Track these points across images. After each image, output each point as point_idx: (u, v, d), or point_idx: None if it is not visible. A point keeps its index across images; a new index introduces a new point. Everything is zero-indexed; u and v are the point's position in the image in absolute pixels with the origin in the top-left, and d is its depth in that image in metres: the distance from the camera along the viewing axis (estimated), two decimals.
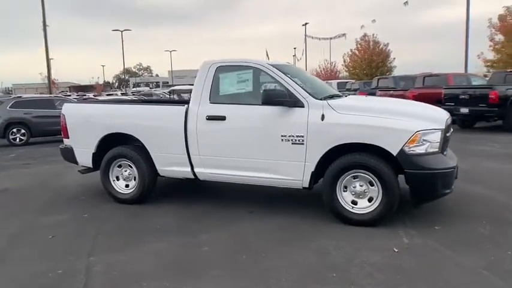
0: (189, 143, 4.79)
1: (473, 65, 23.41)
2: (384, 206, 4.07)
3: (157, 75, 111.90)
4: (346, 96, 5.04)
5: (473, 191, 5.27)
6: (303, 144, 4.27)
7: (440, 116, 4.34)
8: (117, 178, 5.33)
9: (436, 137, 4.04)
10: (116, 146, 5.32)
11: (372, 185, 4.15)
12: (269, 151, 4.45)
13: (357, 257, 3.49)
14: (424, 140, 3.98)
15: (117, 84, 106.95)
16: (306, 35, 39.58)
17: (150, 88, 69.94)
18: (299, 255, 3.57)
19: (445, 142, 4.19)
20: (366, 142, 4.06)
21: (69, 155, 5.60)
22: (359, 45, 36.22)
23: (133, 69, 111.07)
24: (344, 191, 4.26)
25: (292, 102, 4.31)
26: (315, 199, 5.11)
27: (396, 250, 3.59)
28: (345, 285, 3.02)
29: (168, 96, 22.47)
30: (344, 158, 4.16)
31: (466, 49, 18.49)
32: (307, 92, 4.40)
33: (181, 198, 5.48)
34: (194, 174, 4.93)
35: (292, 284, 3.06)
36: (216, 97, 4.75)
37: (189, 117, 4.76)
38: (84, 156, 5.46)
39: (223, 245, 3.86)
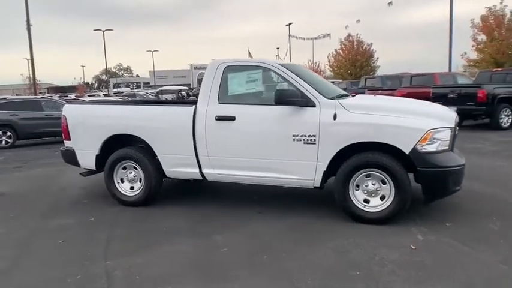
0: (198, 144, 4.74)
1: (454, 65, 23.90)
2: (397, 204, 4.12)
3: (137, 76, 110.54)
4: (353, 95, 5.08)
5: (474, 188, 5.38)
6: (315, 143, 4.29)
7: (449, 114, 4.42)
8: (122, 180, 5.25)
9: (446, 135, 4.12)
10: (119, 147, 5.23)
11: (384, 183, 4.19)
12: (280, 151, 4.45)
13: (376, 254, 3.53)
14: (435, 138, 4.04)
15: (96, 85, 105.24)
16: (289, 35, 39.75)
17: (132, 89, 69.06)
18: (319, 254, 3.58)
19: (453, 140, 4.27)
20: (379, 141, 4.10)
21: (70, 157, 5.47)
22: (343, 45, 36.65)
23: (113, 70, 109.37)
24: (356, 190, 4.29)
25: (304, 101, 4.32)
26: (321, 198, 5.16)
27: (413, 247, 3.64)
28: (371, 283, 3.05)
29: (155, 96, 22.17)
30: (357, 157, 4.19)
31: (450, 49, 18.92)
32: (318, 92, 4.42)
33: (186, 199, 5.43)
34: (202, 175, 4.88)
35: (319, 284, 3.07)
36: (224, 97, 4.72)
37: (198, 118, 4.72)
38: (87, 158, 5.35)
39: (240, 246, 3.84)
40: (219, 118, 4.61)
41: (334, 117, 4.22)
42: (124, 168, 5.21)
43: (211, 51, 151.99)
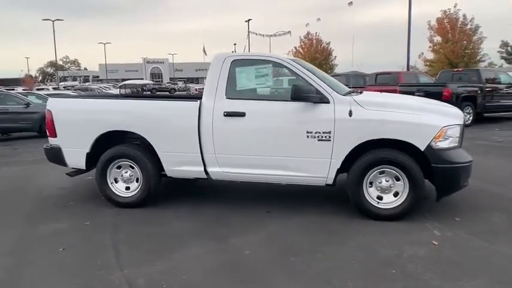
0: (203, 141, 4.51)
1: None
2: (411, 201, 4.16)
3: (85, 69, 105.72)
4: (360, 92, 5.05)
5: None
6: (329, 140, 4.21)
7: (457, 112, 4.52)
8: (116, 180, 4.88)
9: (456, 132, 4.21)
10: (111, 145, 4.87)
11: (397, 180, 4.21)
12: (293, 148, 4.33)
13: (403, 252, 3.52)
14: (447, 135, 4.12)
15: (40, 78, 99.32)
16: (249, 31, 39.66)
17: (80, 83, 65.85)
18: (347, 254, 3.52)
19: (462, 137, 4.37)
20: (395, 138, 4.11)
21: (56, 156, 5.01)
22: (303, 43, 37.17)
23: (60, 62, 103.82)
24: (370, 187, 4.28)
25: (319, 98, 4.23)
26: (326, 196, 5.13)
27: (436, 243, 3.68)
28: (411, 281, 3.02)
29: (119, 91, 21.21)
30: (372, 154, 4.17)
31: (408, 49, 19.72)
32: (331, 88, 4.35)
33: (185, 200, 5.17)
34: (207, 173, 4.66)
35: (361, 285, 2.99)
36: (232, 92, 4.52)
37: (203, 114, 4.48)
38: (76, 156, 4.92)
39: (262, 248, 3.69)
40: (228, 114, 4.41)
41: (350, 113, 4.17)
42: (119, 167, 4.85)
43: (164, 45, 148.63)
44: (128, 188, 4.86)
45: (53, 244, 3.83)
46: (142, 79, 73.35)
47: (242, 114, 4.39)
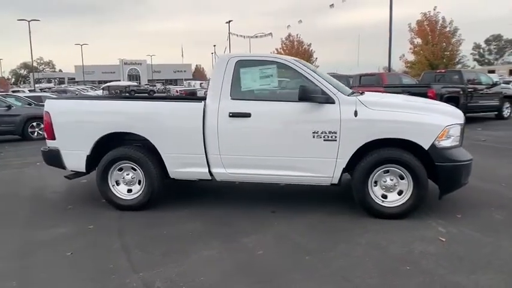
0: (208, 142, 4.49)
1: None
2: (415, 199, 4.24)
3: (60, 71, 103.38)
4: (362, 93, 5.12)
5: None
6: (335, 140, 4.26)
7: (458, 111, 4.64)
8: (117, 183, 4.80)
9: (458, 131, 4.32)
10: (111, 147, 4.78)
11: (402, 178, 4.29)
12: (299, 148, 4.36)
13: (413, 248, 3.59)
14: (449, 134, 4.23)
15: (13, 80, 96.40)
16: (229, 33, 39.60)
17: (55, 85, 64.28)
18: (359, 252, 3.56)
19: (462, 136, 4.49)
20: (400, 137, 4.19)
21: (54, 158, 4.88)
22: (284, 45, 37.40)
23: (34, 64, 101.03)
24: (374, 186, 4.34)
25: (325, 98, 4.27)
26: (329, 195, 5.18)
27: (443, 239, 3.77)
28: (427, 277, 3.09)
29: (102, 93, 20.80)
30: (378, 153, 4.24)
31: (389, 51, 20.14)
32: (336, 88, 4.40)
33: (187, 202, 5.12)
34: (211, 174, 4.63)
35: (380, 282, 3.04)
36: (237, 93, 4.51)
37: (208, 115, 4.46)
38: (76, 159, 4.82)
39: (274, 247, 3.70)
40: (234, 115, 4.40)
41: (355, 114, 4.23)
42: (120, 169, 4.77)
43: (142, 47, 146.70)
44: (129, 191, 4.78)
45: (59, 248, 3.73)
46: (119, 80, 72.26)
47: (248, 115, 4.39)
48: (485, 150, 8.57)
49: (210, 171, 4.61)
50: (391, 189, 4.33)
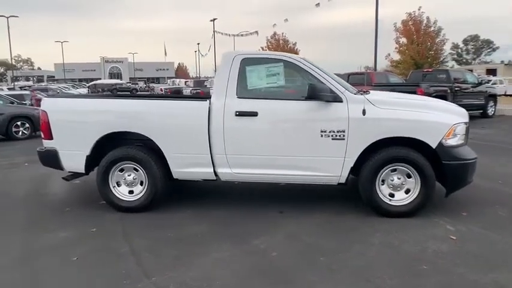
0: (213, 142, 4.39)
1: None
2: (423, 198, 4.25)
3: (39, 69, 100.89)
4: (366, 91, 5.10)
5: None
6: (343, 139, 4.23)
7: (462, 110, 4.67)
8: (118, 184, 4.65)
9: (463, 129, 4.35)
10: (110, 147, 4.64)
11: (409, 177, 4.29)
12: (307, 147, 4.31)
13: (426, 247, 3.59)
14: (456, 132, 4.25)
15: None
16: (214, 31, 39.31)
17: (34, 83, 62.66)
18: (373, 251, 3.54)
19: (467, 134, 4.51)
20: (408, 136, 4.18)
21: (51, 159, 4.69)
22: (269, 43, 37.35)
23: (11, 62, 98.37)
24: (381, 184, 4.33)
25: (333, 97, 4.23)
26: (334, 195, 5.15)
27: (454, 238, 3.78)
28: (446, 275, 3.08)
29: (88, 91, 20.32)
30: (386, 152, 4.22)
31: (375, 50, 20.30)
32: (343, 87, 4.37)
33: (190, 202, 5.01)
34: (216, 174, 4.54)
35: (400, 281, 3.01)
36: (243, 91, 4.43)
37: (213, 114, 4.37)
38: (74, 160, 4.65)
39: (287, 248, 3.64)
40: (240, 114, 4.32)
41: (363, 112, 4.20)
42: (121, 170, 4.63)
43: (124, 44, 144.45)
44: (131, 192, 4.64)
45: (63, 253, 3.58)
46: (99, 79, 70.90)
47: (254, 114, 4.31)
48: (475, 148, 8.68)
49: (215, 171, 4.51)
50: (398, 188, 4.32)
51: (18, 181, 6.32)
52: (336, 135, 4.23)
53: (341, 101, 4.25)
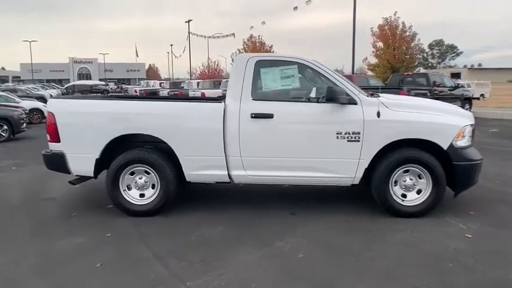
0: (228, 143, 4.37)
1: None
2: (434, 198, 4.37)
3: (3, 69, 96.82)
4: (373, 94, 5.20)
5: None
6: (358, 141, 4.30)
7: (468, 112, 4.84)
8: (129, 187, 4.54)
9: (470, 131, 4.51)
10: (119, 149, 4.53)
11: (420, 178, 4.41)
12: (323, 149, 4.36)
13: (446, 245, 3.70)
14: (464, 134, 4.41)
15: None
16: (189, 32, 38.97)
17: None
18: (395, 251, 3.61)
19: (473, 136, 4.69)
20: (421, 138, 4.30)
21: (58, 162, 4.52)
22: (246, 46, 37.39)
23: None
24: (394, 185, 4.43)
25: (348, 99, 4.30)
26: (341, 194, 5.22)
27: (469, 236, 3.91)
28: (471, 273, 3.19)
29: (65, 93, 19.69)
30: (400, 154, 4.33)
31: (353, 54, 20.76)
32: (357, 90, 4.45)
33: (202, 206, 4.95)
34: (229, 177, 4.51)
35: (430, 280, 3.09)
36: (258, 93, 4.43)
37: (229, 116, 4.34)
38: (83, 163, 4.50)
39: (311, 249, 3.66)
40: (256, 116, 4.31)
41: (378, 114, 4.29)
42: (132, 173, 4.52)
43: (94, 44, 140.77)
44: (142, 195, 4.55)
45: (84, 260, 3.46)
46: (68, 80, 68.71)
47: (270, 116, 4.32)
48: None
49: (228, 174, 4.48)
50: (410, 189, 4.43)
51: (11, 186, 6.06)
52: (352, 137, 4.30)
53: (355, 103, 4.33)
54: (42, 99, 23.77)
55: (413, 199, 4.44)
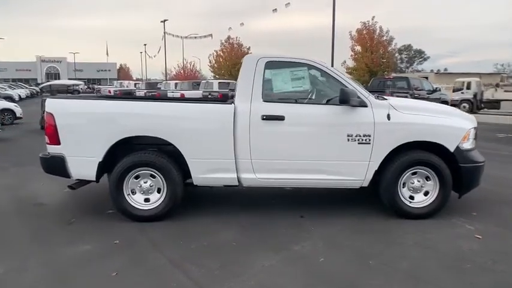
0: (238, 146, 4.28)
1: None
2: (441, 199, 4.44)
3: None
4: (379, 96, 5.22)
5: None
6: (369, 143, 4.31)
7: (471, 115, 4.95)
8: (133, 192, 4.37)
9: (473, 134, 4.61)
10: (121, 153, 4.35)
11: (428, 179, 4.46)
12: (334, 152, 4.34)
13: (459, 246, 3.75)
14: (469, 137, 4.49)
15: None
16: (165, 32, 38.36)
17: None
18: (413, 252, 3.63)
19: (476, 139, 4.79)
20: (430, 140, 4.35)
21: (57, 166, 4.29)
22: (223, 47, 37.18)
23: None
24: (402, 187, 4.46)
25: (359, 101, 4.29)
26: (343, 197, 5.23)
27: (480, 237, 3.98)
28: (491, 273, 3.24)
29: (38, 92, 18.88)
30: (409, 156, 4.36)
31: (332, 58, 21.03)
32: (366, 92, 4.46)
33: (209, 209, 4.82)
34: (238, 180, 4.42)
35: (453, 280, 3.12)
36: (269, 95, 4.37)
37: (239, 118, 4.25)
38: (85, 167, 4.29)
39: (331, 252, 3.63)
40: (267, 118, 4.24)
41: (388, 117, 4.31)
42: (136, 177, 4.35)
43: (62, 43, 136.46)
44: (147, 200, 4.38)
45: (96, 269, 3.28)
46: (36, 79, 66.16)
47: (281, 118, 4.26)
48: None
49: (237, 177, 4.39)
50: (418, 191, 4.48)
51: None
52: (362, 140, 4.30)
53: (366, 106, 4.33)
54: (10, 99, 22.85)
55: (420, 201, 4.48)
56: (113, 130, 4.22)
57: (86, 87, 49.66)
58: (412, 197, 4.48)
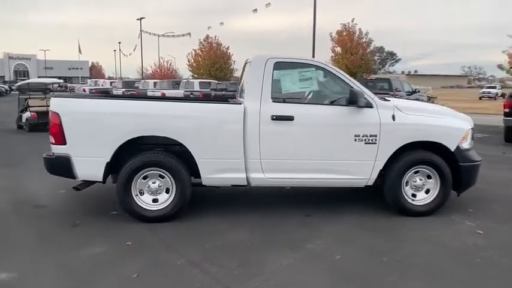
0: (248, 146, 4.30)
1: None
2: (442, 197, 4.60)
3: None
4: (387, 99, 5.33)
5: None
6: (375, 143, 4.42)
7: (468, 116, 5.14)
8: (141, 192, 4.32)
9: (471, 134, 4.81)
10: (127, 153, 4.30)
11: (429, 178, 4.62)
12: (341, 151, 4.43)
13: (465, 241, 3.91)
14: (468, 137, 4.69)
15: None
16: (141, 30, 37.78)
17: None
18: (423, 248, 3.76)
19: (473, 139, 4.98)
20: (432, 140, 4.51)
21: (63, 166, 4.19)
22: (202, 46, 36.89)
23: None
24: (405, 186, 4.60)
25: (365, 102, 4.40)
26: (346, 195, 5.33)
27: (481, 232, 4.16)
28: (503, 267, 3.39)
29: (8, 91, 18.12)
30: (412, 155, 4.50)
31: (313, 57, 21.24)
32: (372, 93, 4.57)
33: (215, 209, 4.82)
34: (247, 180, 4.44)
35: (470, 275, 3.25)
36: (278, 95, 4.42)
37: (249, 118, 4.28)
38: (92, 167, 4.21)
39: (346, 251, 3.70)
40: (277, 118, 4.29)
41: (393, 118, 4.43)
42: (144, 177, 4.30)
43: (32, 41, 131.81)
44: (155, 201, 4.34)
45: (115, 271, 3.24)
46: (3, 77, 63.59)
47: (291, 118, 4.31)
48: None
49: (246, 177, 4.41)
50: (420, 189, 4.63)
51: None
52: (369, 140, 4.41)
53: (371, 107, 4.44)
54: None
55: (422, 198, 4.63)
56: (122, 130, 4.16)
57: (57, 85, 48.17)
58: (414, 195, 4.63)
